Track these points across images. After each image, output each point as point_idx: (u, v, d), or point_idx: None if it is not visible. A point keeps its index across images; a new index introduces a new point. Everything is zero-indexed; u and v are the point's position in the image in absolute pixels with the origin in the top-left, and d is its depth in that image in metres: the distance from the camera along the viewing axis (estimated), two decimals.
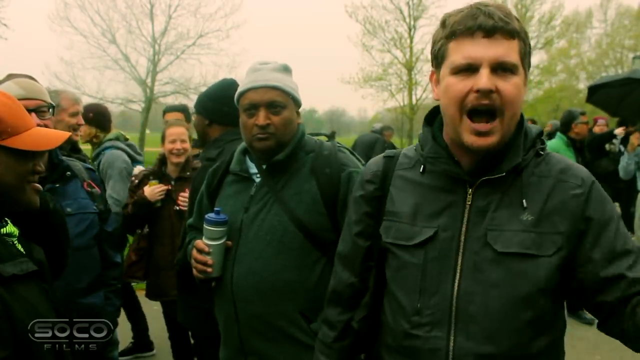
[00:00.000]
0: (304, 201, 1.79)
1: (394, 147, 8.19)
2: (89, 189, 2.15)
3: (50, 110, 2.01)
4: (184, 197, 3.15)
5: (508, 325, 1.18)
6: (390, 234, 1.32)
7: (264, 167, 1.87)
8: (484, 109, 1.16)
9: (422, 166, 1.32)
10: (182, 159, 3.32)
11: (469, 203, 1.24)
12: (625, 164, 5.57)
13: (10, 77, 2.05)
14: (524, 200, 1.20)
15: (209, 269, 1.80)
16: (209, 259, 1.79)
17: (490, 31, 1.14)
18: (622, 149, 8.36)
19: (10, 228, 1.35)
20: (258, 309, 1.77)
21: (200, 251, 1.81)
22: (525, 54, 1.19)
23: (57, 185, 2.03)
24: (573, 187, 1.21)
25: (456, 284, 1.21)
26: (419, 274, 1.25)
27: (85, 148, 3.57)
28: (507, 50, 1.14)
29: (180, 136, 3.30)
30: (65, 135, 1.41)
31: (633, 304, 1.13)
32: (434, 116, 1.37)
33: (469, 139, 1.18)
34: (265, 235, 1.78)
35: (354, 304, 1.44)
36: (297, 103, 1.87)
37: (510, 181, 1.23)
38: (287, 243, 1.76)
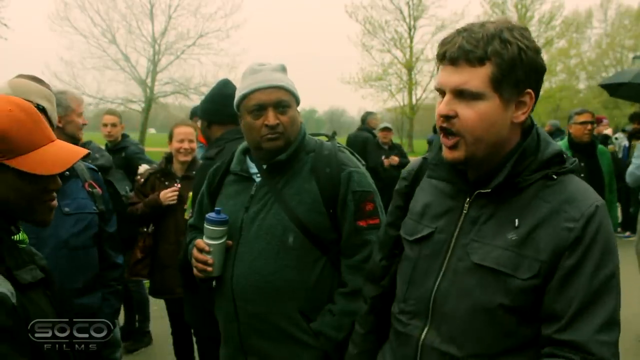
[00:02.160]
0: (304, 201, 1.79)
1: (391, 145, 8.00)
2: (89, 189, 2.14)
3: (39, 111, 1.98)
4: (172, 192, 3.24)
5: (471, 333, 1.23)
6: (403, 228, 1.44)
7: (264, 167, 1.87)
8: (446, 132, 1.24)
9: None
10: (189, 158, 3.37)
11: (465, 212, 1.30)
12: (634, 170, 4.52)
13: (19, 77, 2.06)
14: (516, 220, 1.21)
15: (210, 268, 1.80)
16: (209, 258, 1.80)
17: (454, 60, 1.19)
18: (627, 145, 8.36)
19: (22, 235, 1.34)
20: (258, 308, 1.78)
21: (201, 250, 1.81)
22: (500, 77, 1.17)
23: None
24: (568, 219, 1.17)
25: (437, 283, 1.29)
26: (411, 267, 1.37)
27: None
28: (468, 78, 1.18)
29: (188, 136, 3.35)
30: (80, 153, 1.32)
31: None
32: None
33: (444, 151, 1.26)
34: (266, 234, 1.79)
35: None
36: (298, 101, 1.89)
37: (507, 198, 1.24)
38: (288, 243, 1.77)
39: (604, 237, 1.18)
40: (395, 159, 7.45)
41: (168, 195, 3.23)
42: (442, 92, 1.23)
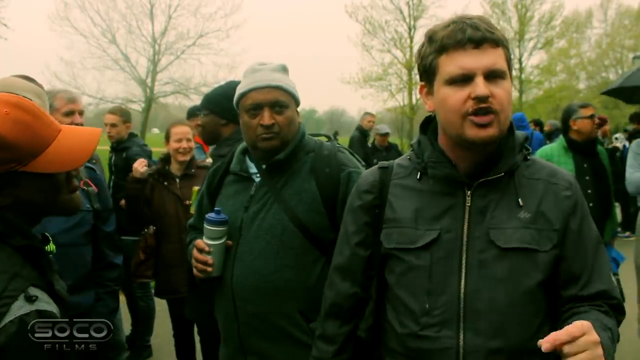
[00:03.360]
0: (304, 201, 1.79)
1: (387, 146, 8.03)
2: (84, 187, 2.14)
3: None
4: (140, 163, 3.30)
5: (515, 319, 1.23)
6: (392, 240, 1.35)
7: (264, 167, 1.87)
8: (483, 111, 1.23)
9: (419, 173, 1.37)
10: (187, 158, 3.41)
11: (469, 204, 1.29)
12: (632, 179, 3.91)
13: (10, 77, 2.06)
14: (519, 199, 1.28)
15: (209, 269, 1.80)
16: (209, 259, 1.80)
17: (480, 42, 1.22)
18: (627, 145, 8.36)
19: (51, 246, 1.30)
20: (258, 308, 1.78)
21: (201, 251, 1.81)
22: (509, 59, 1.28)
23: None
24: (563, 189, 1.31)
25: (462, 283, 1.25)
26: (425, 276, 1.28)
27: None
28: (496, 58, 1.24)
29: (186, 135, 3.40)
30: (95, 137, 1.25)
31: (567, 313, 1.26)
32: (426, 125, 1.44)
33: (471, 132, 1.23)
34: (265, 234, 1.79)
35: (354, 314, 1.44)
36: (297, 102, 1.88)
37: (506, 182, 1.30)
38: (287, 242, 1.77)
39: (583, 198, 1.36)
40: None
41: (137, 166, 3.27)
42: (461, 79, 1.22)
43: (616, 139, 8.95)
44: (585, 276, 1.26)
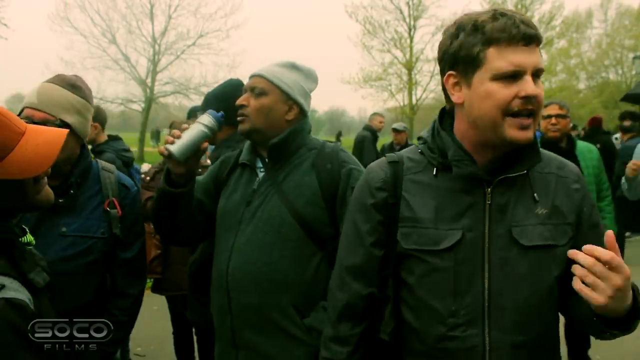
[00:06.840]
0: (304, 194, 1.81)
1: (403, 145, 7.72)
2: (108, 208, 1.89)
3: None
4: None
5: (535, 314, 1.27)
6: (411, 240, 1.31)
7: (267, 160, 1.90)
8: (528, 113, 1.22)
9: (435, 169, 1.33)
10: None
11: (489, 202, 1.28)
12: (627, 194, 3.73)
13: (50, 81, 1.85)
14: (535, 195, 1.29)
15: (172, 140, 1.73)
16: (179, 133, 1.74)
17: (530, 40, 1.21)
18: (620, 141, 8.34)
19: (29, 237, 1.29)
20: (252, 299, 1.78)
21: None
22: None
23: (61, 200, 1.78)
24: (572, 182, 1.34)
25: (486, 282, 1.25)
26: (451, 277, 1.26)
27: None
28: (540, 58, 1.24)
29: None
30: (59, 139, 1.21)
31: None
32: (442, 117, 1.40)
33: (512, 132, 1.22)
34: (263, 225, 1.80)
35: (367, 315, 1.39)
36: (287, 94, 1.89)
37: (522, 178, 1.30)
38: (284, 234, 1.78)
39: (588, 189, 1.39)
40: None
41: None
42: (511, 76, 1.20)
43: (616, 139, 8.90)
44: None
